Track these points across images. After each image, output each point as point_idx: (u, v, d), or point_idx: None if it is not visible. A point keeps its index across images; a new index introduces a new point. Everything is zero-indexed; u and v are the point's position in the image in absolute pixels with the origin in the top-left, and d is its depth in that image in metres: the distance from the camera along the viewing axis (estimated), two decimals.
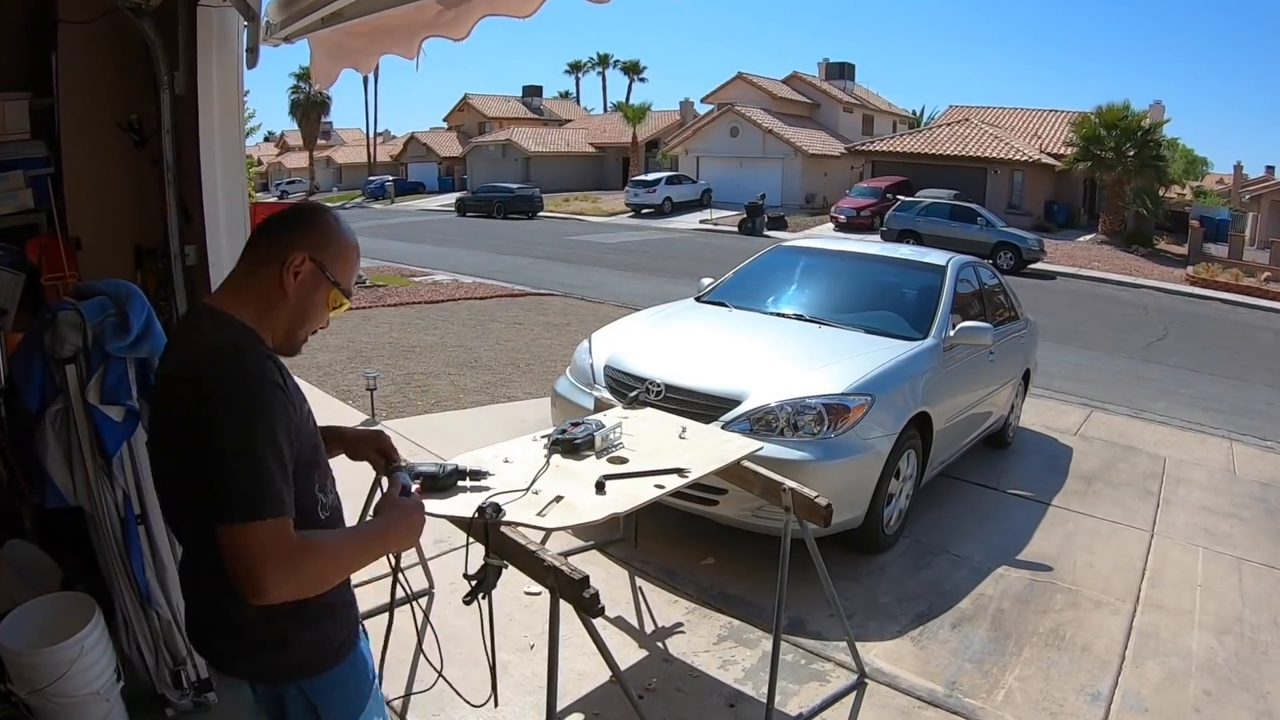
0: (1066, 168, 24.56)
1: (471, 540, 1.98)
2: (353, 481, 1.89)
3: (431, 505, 2.14)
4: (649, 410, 3.10)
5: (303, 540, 1.15)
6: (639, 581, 3.43)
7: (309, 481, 1.27)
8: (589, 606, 1.88)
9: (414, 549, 2.98)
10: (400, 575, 1.61)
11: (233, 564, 1.10)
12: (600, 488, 2.23)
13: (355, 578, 1.29)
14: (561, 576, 1.91)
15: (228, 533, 1.10)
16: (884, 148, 29.07)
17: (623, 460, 2.49)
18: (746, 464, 2.70)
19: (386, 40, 2.47)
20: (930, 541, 4.05)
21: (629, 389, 3.51)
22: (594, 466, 2.41)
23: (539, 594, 2.94)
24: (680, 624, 3.14)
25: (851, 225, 24.53)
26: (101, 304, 2.20)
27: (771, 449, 3.21)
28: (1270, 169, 30.21)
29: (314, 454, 1.30)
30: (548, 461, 2.37)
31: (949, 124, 29.88)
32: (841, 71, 39.04)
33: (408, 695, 2.49)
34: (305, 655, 1.28)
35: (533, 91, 52.73)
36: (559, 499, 2.15)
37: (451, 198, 37.50)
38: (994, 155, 26.14)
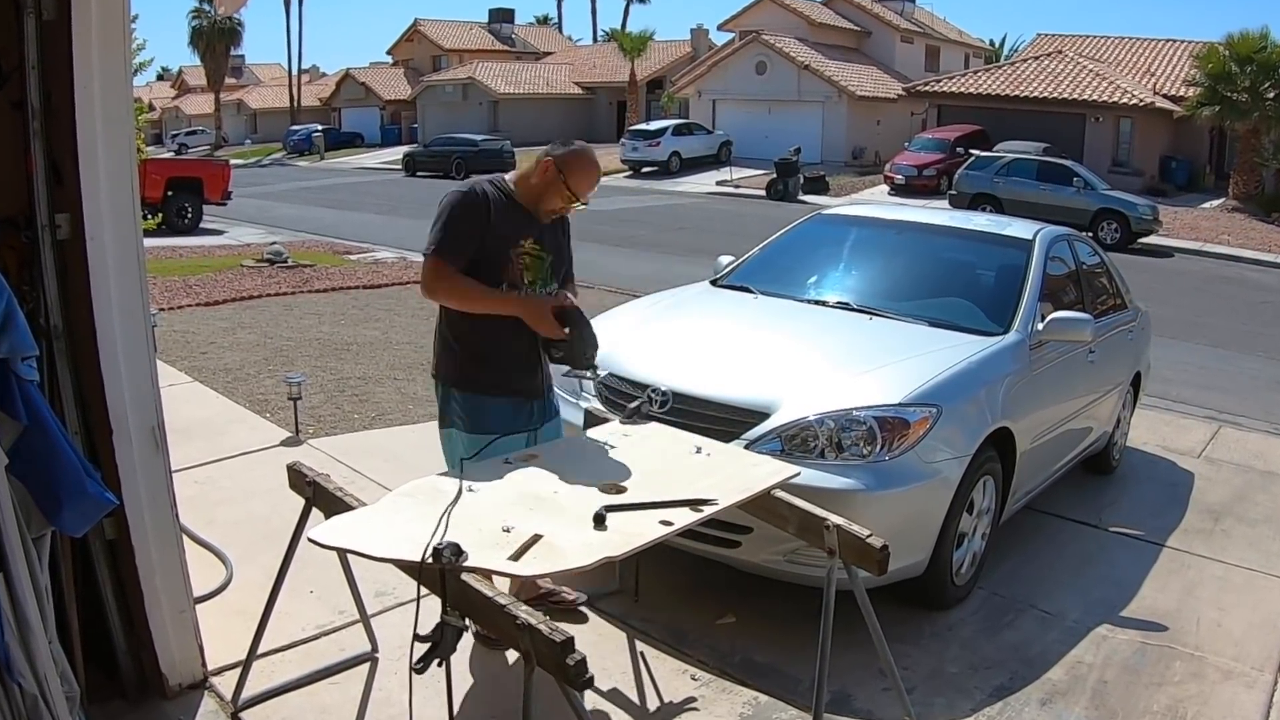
0: (1187, 114, 24.56)
1: (425, 592, 1.98)
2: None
3: (370, 546, 2.14)
4: (653, 426, 3.10)
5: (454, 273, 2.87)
6: (639, 645, 3.43)
7: (491, 269, 2.92)
8: (574, 677, 1.88)
9: (353, 604, 2.98)
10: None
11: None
12: (600, 521, 2.24)
13: (287, 638, 1.33)
14: (539, 638, 1.91)
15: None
16: (953, 88, 29.09)
17: (620, 489, 2.49)
18: (778, 494, 2.71)
19: None
20: (1012, 594, 4.05)
21: (627, 398, 3.52)
22: (585, 495, 2.41)
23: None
24: (692, 700, 3.13)
25: (911, 188, 24.56)
26: None
27: (810, 475, 3.21)
28: None
29: (495, 257, 2.92)
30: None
31: (1037, 57, 29.93)
32: None
33: None
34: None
35: (502, 16, 52.78)
36: (537, 539, 2.15)
37: (398, 152, 37.54)
38: (1095, 98, 26.16)
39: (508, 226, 2.95)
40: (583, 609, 3.55)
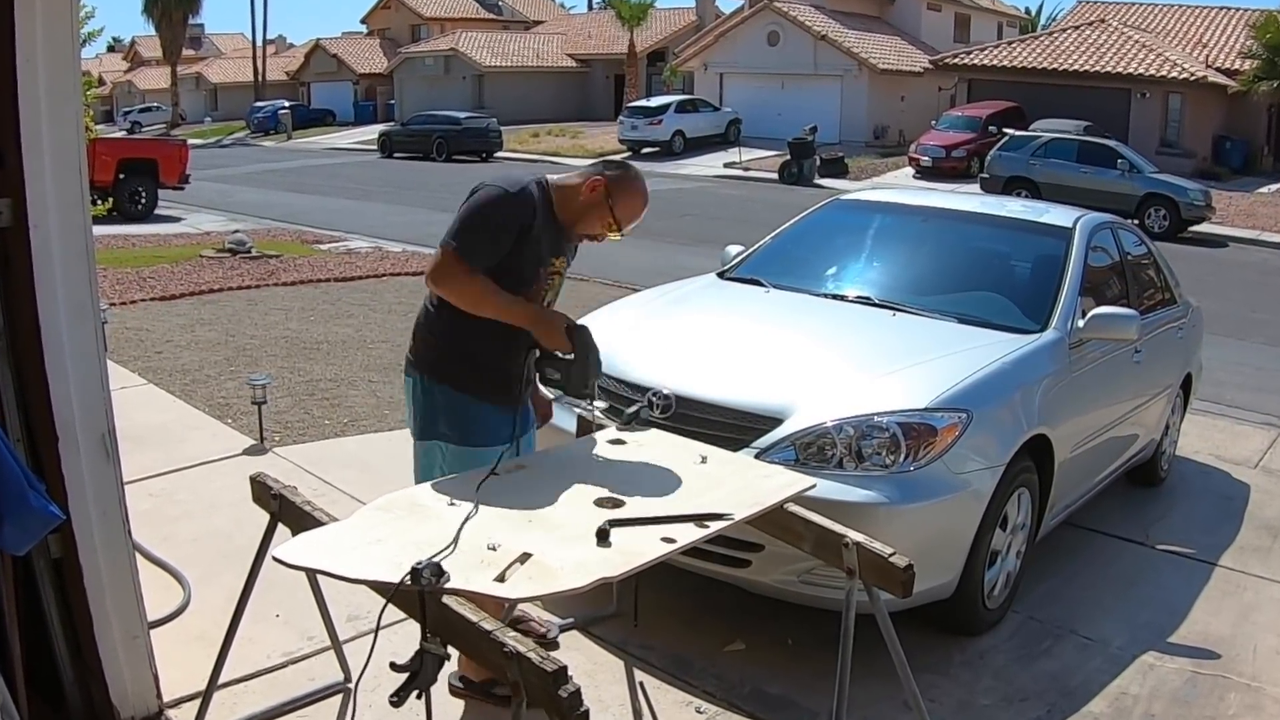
0: (1243, 89, 24.61)
1: (399, 618, 1.98)
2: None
3: (342, 566, 2.14)
4: (653, 432, 3.10)
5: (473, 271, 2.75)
6: (638, 674, 3.43)
7: (514, 283, 2.82)
8: (567, 711, 1.88)
9: (324, 629, 2.98)
10: None
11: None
12: (604, 537, 2.24)
13: (250, 667, 1.34)
14: (528, 667, 1.91)
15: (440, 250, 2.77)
16: (986, 61, 29.12)
17: (617, 503, 2.49)
18: (792, 508, 2.71)
19: None
20: (1050, 618, 4.06)
21: (626, 402, 3.52)
22: (579, 510, 2.41)
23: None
24: None
25: (939, 170, 24.59)
26: None
27: (827, 487, 3.22)
28: None
29: (523, 274, 2.85)
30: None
31: (1077, 27, 29.95)
32: None
33: None
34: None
35: None
36: (526, 557, 2.15)
37: (374, 131, 37.59)
38: (1141, 71, 26.18)
39: (545, 245, 2.88)
40: (567, 636, 3.56)
